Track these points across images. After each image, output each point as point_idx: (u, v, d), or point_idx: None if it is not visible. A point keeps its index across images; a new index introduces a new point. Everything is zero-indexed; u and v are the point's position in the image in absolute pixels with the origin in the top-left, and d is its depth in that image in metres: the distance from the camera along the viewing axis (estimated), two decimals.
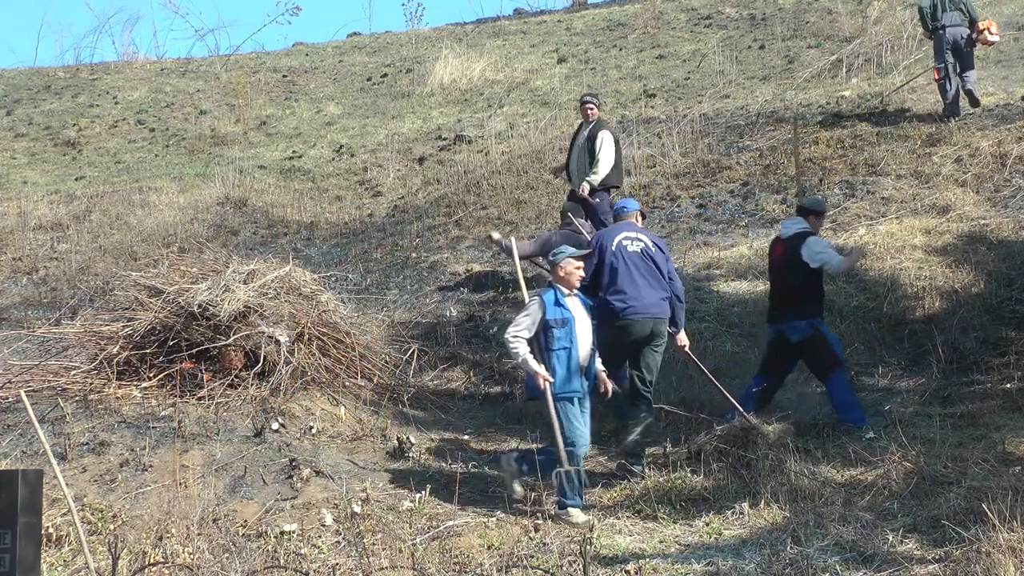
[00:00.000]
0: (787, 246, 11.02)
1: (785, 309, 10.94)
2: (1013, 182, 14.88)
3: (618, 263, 10.16)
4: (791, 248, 10.96)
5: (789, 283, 10.96)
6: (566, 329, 9.20)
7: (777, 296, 11.10)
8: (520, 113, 22.02)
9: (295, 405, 10.62)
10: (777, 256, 11.15)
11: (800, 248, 10.89)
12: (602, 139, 14.01)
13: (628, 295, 10.05)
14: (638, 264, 10.14)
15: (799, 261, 10.85)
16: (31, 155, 23.42)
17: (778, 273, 11.12)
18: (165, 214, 18.75)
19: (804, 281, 10.90)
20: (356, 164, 20.79)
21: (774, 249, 11.27)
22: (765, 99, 19.89)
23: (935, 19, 16.98)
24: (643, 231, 10.56)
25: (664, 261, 10.23)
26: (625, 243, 10.28)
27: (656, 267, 10.16)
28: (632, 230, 10.46)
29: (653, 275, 10.11)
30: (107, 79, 28.39)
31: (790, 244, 11.01)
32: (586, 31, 27.52)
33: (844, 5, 24.17)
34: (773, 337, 11.07)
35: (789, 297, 10.93)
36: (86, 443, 9.82)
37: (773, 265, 11.24)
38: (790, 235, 11.09)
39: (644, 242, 10.28)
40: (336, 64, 28.40)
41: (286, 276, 11.48)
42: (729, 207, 15.95)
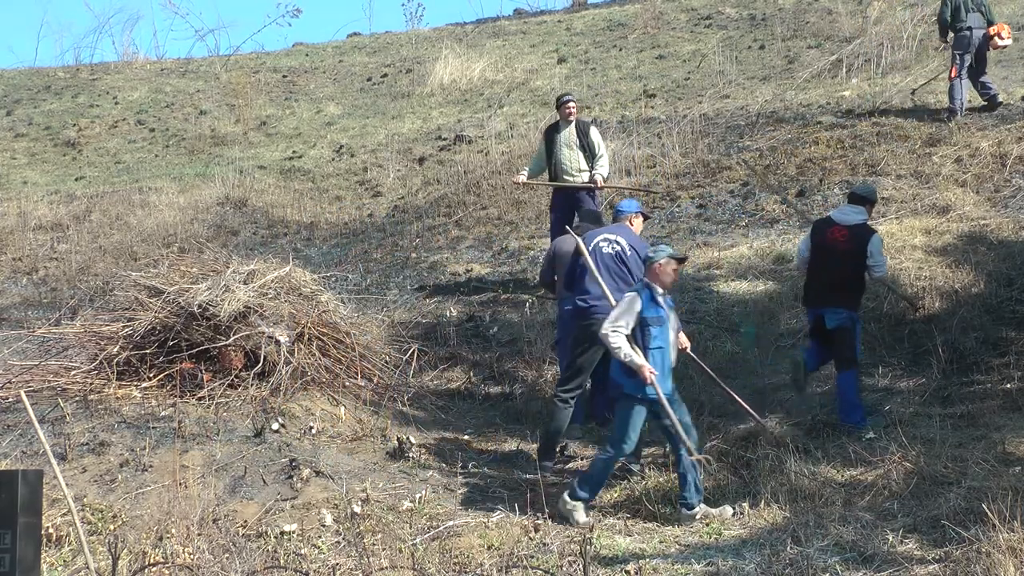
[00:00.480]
0: (852, 233, 10.83)
1: (831, 295, 10.84)
2: (1013, 182, 14.87)
3: (590, 263, 10.24)
4: (857, 236, 10.82)
5: (844, 270, 10.84)
6: (662, 328, 9.18)
7: (825, 280, 10.88)
8: (520, 113, 22.02)
9: (295, 405, 10.62)
10: (837, 241, 10.85)
11: (868, 240, 10.82)
12: (595, 134, 14.18)
13: (592, 295, 10.16)
14: (609, 266, 10.20)
15: (862, 252, 10.78)
16: (31, 155, 23.43)
17: (835, 257, 10.84)
18: (165, 214, 18.75)
19: (856, 271, 10.86)
20: (356, 164, 20.79)
21: (831, 233, 10.94)
22: (765, 99, 19.88)
23: (959, 20, 16.95)
24: (626, 234, 10.53)
25: (637, 267, 10.15)
26: (602, 244, 10.37)
27: (628, 271, 10.17)
28: (614, 232, 10.53)
29: (623, 278, 10.12)
30: (107, 79, 28.40)
31: (856, 232, 10.86)
32: (586, 31, 27.53)
33: (844, 5, 24.17)
34: (811, 321, 11.08)
35: (839, 283, 10.82)
36: (86, 443, 9.82)
37: (828, 249, 10.89)
38: (856, 223, 10.95)
39: (621, 245, 10.31)
40: (336, 64, 28.41)
41: (286, 276, 11.49)
42: (729, 207, 15.96)
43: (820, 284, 10.94)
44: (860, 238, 10.80)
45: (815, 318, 10.97)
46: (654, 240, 15.10)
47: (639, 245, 10.39)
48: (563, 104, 14.33)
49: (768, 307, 13.10)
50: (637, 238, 10.58)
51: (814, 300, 11.02)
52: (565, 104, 14.28)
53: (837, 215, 11.17)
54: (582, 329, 10.22)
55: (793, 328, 12.67)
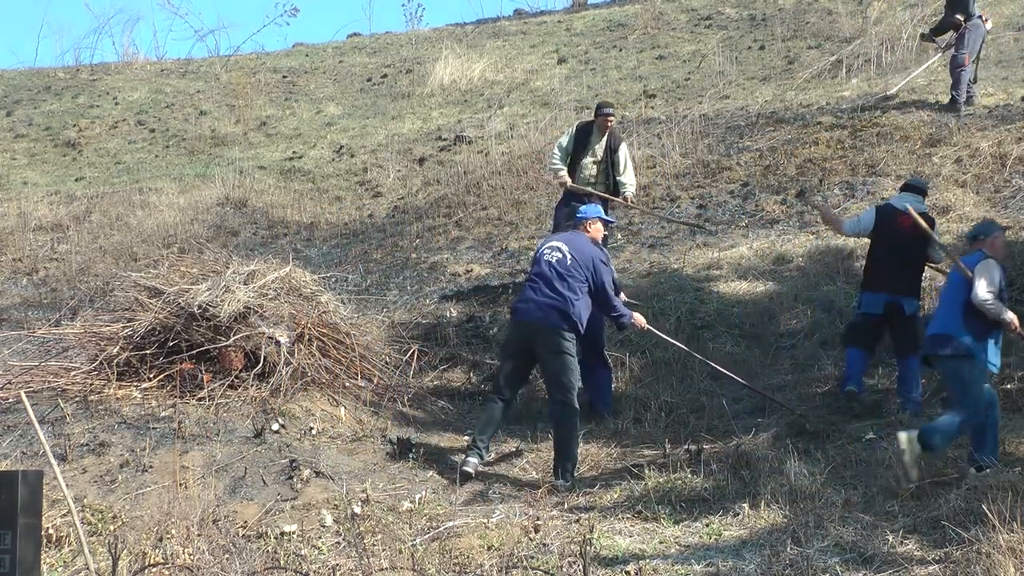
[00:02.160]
0: (917, 222, 10.91)
1: (906, 282, 11.06)
2: (1013, 183, 14.88)
3: (535, 269, 10.37)
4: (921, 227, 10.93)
5: (915, 257, 11.11)
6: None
7: (899, 267, 11.03)
8: (520, 114, 22.03)
9: (295, 406, 10.61)
10: (906, 228, 10.94)
11: (933, 227, 11.09)
12: (623, 152, 13.87)
13: (522, 297, 10.29)
14: (547, 273, 10.18)
15: (926, 241, 10.98)
16: (31, 156, 23.44)
17: (906, 245, 11.01)
18: (165, 215, 18.76)
19: (922, 258, 11.18)
20: (356, 165, 20.80)
21: (898, 220, 11.04)
22: (765, 100, 19.89)
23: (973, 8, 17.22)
24: (574, 242, 10.48)
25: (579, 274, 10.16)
26: (547, 251, 10.39)
27: (563, 279, 10.13)
28: (563, 240, 10.52)
29: (552, 286, 10.11)
30: (107, 80, 28.40)
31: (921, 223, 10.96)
32: (586, 31, 27.53)
33: (844, 6, 24.17)
34: (882, 308, 11.03)
35: (912, 271, 11.13)
36: (86, 444, 9.82)
37: (897, 235, 11.01)
38: (923, 213, 11.16)
39: (562, 253, 10.28)
40: (336, 65, 28.41)
41: (286, 277, 11.48)
42: (729, 208, 15.96)
43: (893, 271, 11.05)
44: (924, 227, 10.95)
45: (888, 304, 10.99)
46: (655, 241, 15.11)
47: (584, 253, 10.32)
48: (603, 115, 13.80)
49: (768, 307, 13.10)
50: (588, 245, 10.49)
51: (891, 287, 11.04)
52: (606, 116, 13.78)
53: (899, 203, 11.26)
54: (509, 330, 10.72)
55: (794, 328, 12.68)
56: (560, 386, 10.08)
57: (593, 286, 10.22)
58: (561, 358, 10.05)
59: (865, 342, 11.10)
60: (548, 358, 10.12)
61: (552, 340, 10.02)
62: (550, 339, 10.03)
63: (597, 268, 10.27)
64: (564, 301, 10.02)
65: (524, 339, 10.23)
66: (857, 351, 11.06)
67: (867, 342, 11.12)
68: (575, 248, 10.35)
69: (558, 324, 10.01)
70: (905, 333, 11.03)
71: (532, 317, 10.08)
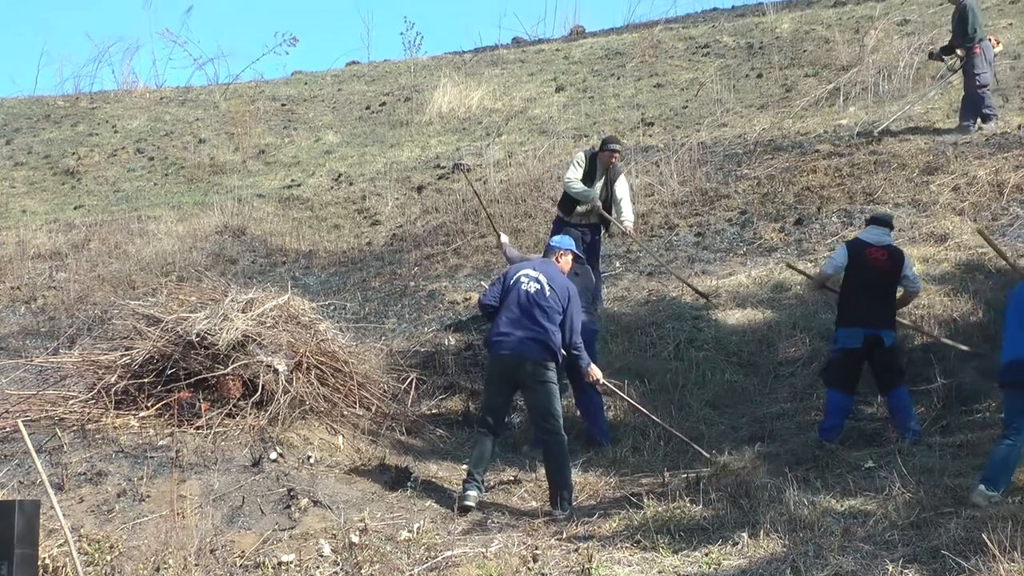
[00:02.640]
0: (891, 254, 11.24)
1: (882, 314, 11.10)
2: (1010, 210, 14.89)
3: (509, 298, 10.30)
4: (895, 258, 11.24)
5: (890, 290, 11.23)
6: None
7: (879, 299, 11.11)
8: (518, 142, 22.07)
9: (293, 434, 10.59)
10: (881, 261, 11.15)
11: (904, 263, 11.30)
12: (620, 185, 13.93)
13: (499, 329, 10.21)
14: (523, 303, 10.18)
15: (899, 272, 11.20)
16: (30, 184, 23.46)
17: (881, 277, 11.15)
18: (164, 243, 18.76)
19: (895, 290, 11.29)
20: (355, 193, 20.82)
21: (871, 254, 11.19)
22: (763, 128, 19.93)
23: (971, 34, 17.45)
24: (549, 272, 10.48)
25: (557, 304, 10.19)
26: (523, 279, 10.35)
27: (543, 310, 10.15)
28: (538, 269, 10.48)
29: (531, 317, 10.12)
30: (106, 108, 28.45)
31: (894, 253, 11.29)
32: (584, 60, 27.59)
33: (841, 34, 24.24)
34: (861, 342, 11.00)
35: (889, 303, 11.22)
36: (83, 473, 9.80)
37: (873, 269, 11.13)
38: (892, 245, 11.41)
39: (540, 284, 10.28)
40: (335, 93, 28.47)
41: (284, 305, 11.47)
42: (727, 235, 15.97)
43: (871, 304, 11.08)
44: (898, 258, 11.25)
45: (867, 338, 10.97)
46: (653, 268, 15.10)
47: (561, 284, 10.37)
48: (608, 151, 13.83)
49: (766, 335, 13.10)
50: (561, 277, 10.53)
51: (870, 320, 11.04)
52: (611, 152, 13.81)
53: (870, 237, 11.36)
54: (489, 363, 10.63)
55: (792, 357, 12.67)
56: (546, 416, 10.11)
57: (564, 318, 10.24)
58: (545, 387, 10.09)
59: (846, 382, 11.05)
60: (532, 389, 10.14)
61: (535, 371, 10.06)
62: (533, 371, 10.06)
63: (572, 300, 10.32)
64: (544, 332, 10.07)
65: (506, 372, 10.22)
66: (839, 395, 11.01)
67: (848, 382, 11.07)
68: (552, 279, 10.36)
69: (540, 356, 10.06)
70: (889, 366, 11.05)
71: (513, 350, 10.09)
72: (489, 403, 10.45)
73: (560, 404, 10.25)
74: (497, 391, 10.38)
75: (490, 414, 10.31)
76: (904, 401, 10.91)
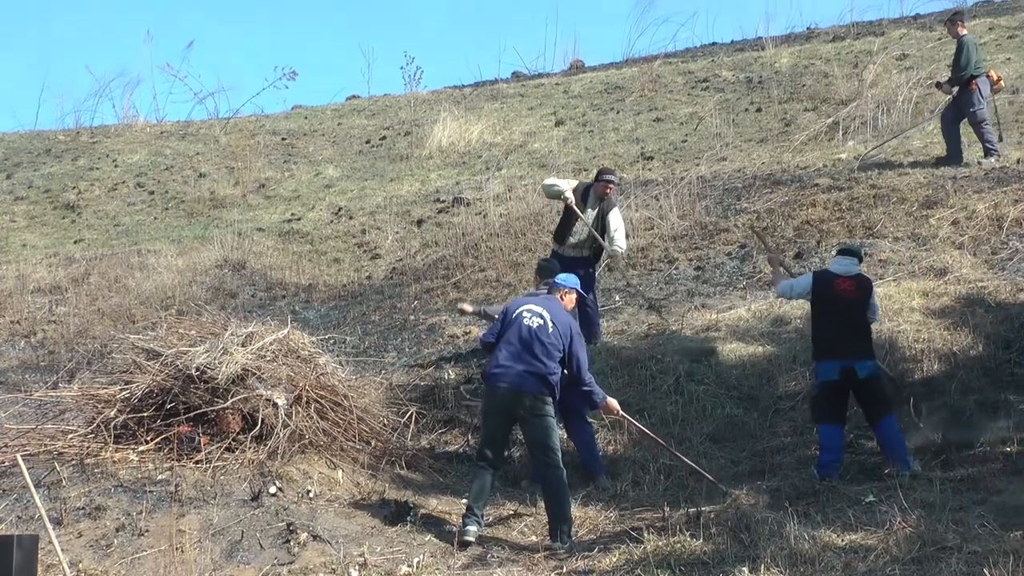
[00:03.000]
0: (858, 284, 11.27)
1: (858, 346, 11.07)
2: (1010, 244, 14.90)
3: (510, 332, 10.31)
4: (863, 287, 11.29)
5: (861, 320, 11.20)
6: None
7: (848, 331, 11.07)
8: (518, 175, 22.09)
9: (293, 468, 10.57)
10: (849, 291, 11.18)
11: (871, 289, 11.39)
12: (613, 217, 13.87)
13: (499, 362, 10.23)
14: (525, 337, 10.20)
15: (868, 302, 11.22)
16: (30, 218, 23.48)
17: (850, 308, 11.16)
18: (164, 277, 18.77)
19: (865, 319, 11.24)
20: (354, 226, 20.84)
21: (839, 284, 11.21)
22: (762, 162, 19.97)
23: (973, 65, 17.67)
24: (552, 309, 10.49)
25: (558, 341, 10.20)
26: (525, 314, 10.35)
27: (544, 346, 10.16)
28: (542, 305, 10.50)
29: (531, 351, 10.14)
30: (107, 142, 28.50)
31: (861, 283, 11.33)
32: (584, 94, 27.66)
33: (840, 68, 24.33)
34: (838, 375, 11.00)
35: (861, 333, 11.15)
36: (82, 507, 9.78)
37: (840, 300, 11.16)
38: (859, 275, 11.42)
39: (543, 320, 10.29)
40: (335, 127, 28.52)
41: (284, 339, 11.47)
42: (727, 269, 15.98)
43: (842, 335, 11.07)
44: (865, 288, 11.29)
45: (844, 370, 10.97)
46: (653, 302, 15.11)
47: (563, 322, 10.39)
48: (603, 181, 13.87)
49: (767, 369, 13.09)
50: (564, 315, 10.55)
51: (843, 352, 11.04)
52: (606, 183, 13.86)
53: (838, 268, 11.40)
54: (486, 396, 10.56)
55: (792, 391, 12.66)
56: (544, 449, 10.12)
57: (567, 356, 10.26)
58: (543, 421, 10.10)
59: (835, 414, 11.05)
60: (530, 423, 10.14)
61: (533, 405, 10.07)
62: (531, 404, 10.07)
63: (573, 338, 10.33)
64: (543, 367, 10.09)
65: (503, 406, 10.23)
66: (831, 428, 11.00)
67: (836, 413, 11.07)
68: (555, 315, 10.37)
69: (537, 389, 10.08)
70: (872, 396, 11.07)
71: (512, 383, 10.10)
72: (487, 437, 10.43)
73: (558, 438, 10.25)
74: (495, 424, 10.37)
75: (489, 448, 10.30)
76: (893, 432, 10.92)
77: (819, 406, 11.15)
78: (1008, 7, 28.61)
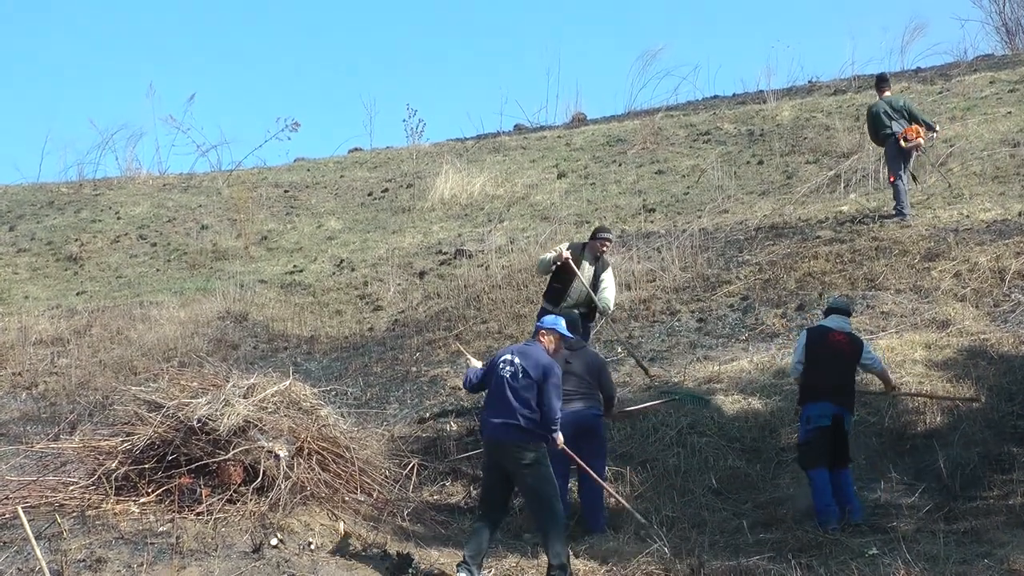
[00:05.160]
0: (851, 339, 11.70)
1: (847, 396, 11.50)
2: (1012, 297, 14.92)
3: (493, 383, 10.38)
4: (855, 343, 11.70)
5: (851, 374, 11.66)
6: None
7: (841, 381, 11.50)
8: (520, 228, 22.16)
9: (294, 520, 10.53)
10: (843, 345, 11.57)
11: (863, 344, 11.79)
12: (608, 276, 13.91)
13: (484, 415, 10.40)
14: (501, 386, 10.21)
15: (859, 358, 11.60)
16: (33, 270, 23.53)
17: (843, 359, 11.55)
18: (166, 328, 18.78)
19: (853, 375, 11.72)
20: (357, 278, 20.87)
21: (833, 338, 11.58)
22: (764, 214, 20.02)
23: (883, 127, 18.15)
24: (528, 354, 10.37)
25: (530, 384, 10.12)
26: (502, 364, 10.36)
27: (516, 393, 10.11)
28: (516, 352, 10.44)
29: (505, 402, 10.12)
30: (109, 194, 28.59)
31: (854, 340, 11.76)
32: (586, 146, 27.78)
33: (841, 121, 24.45)
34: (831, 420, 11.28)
35: (849, 387, 11.60)
36: (83, 560, 9.73)
37: (835, 354, 11.51)
38: (851, 331, 11.90)
39: (516, 366, 10.24)
40: (337, 179, 28.62)
41: (286, 390, 11.45)
42: (729, 321, 15.98)
43: (834, 386, 11.41)
44: (858, 344, 11.72)
45: (835, 415, 11.29)
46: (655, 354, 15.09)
47: (534, 365, 10.23)
48: (599, 239, 13.87)
49: (769, 421, 13.06)
50: (541, 357, 10.37)
51: (835, 398, 11.39)
52: (602, 241, 13.86)
53: (833, 324, 11.77)
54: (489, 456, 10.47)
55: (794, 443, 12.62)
56: (535, 498, 10.12)
57: (539, 397, 10.16)
58: (530, 470, 10.06)
59: (825, 459, 11.23)
60: (516, 473, 10.13)
61: (515, 455, 10.06)
62: (513, 454, 10.07)
63: (547, 377, 10.19)
64: (515, 416, 10.04)
65: (491, 455, 10.32)
66: (824, 472, 11.15)
67: (827, 458, 11.25)
68: (526, 358, 10.30)
69: (516, 439, 10.05)
70: (842, 448, 11.38)
71: (493, 434, 10.18)
72: (483, 489, 10.57)
73: (552, 485, 10.16)
74: (488, 477, 10.46)
75: (485, 500, 10.41)
76: (850, 482, 11.26)
77: (811, 451, 11.31)
78: (1008, 61, 28.79)
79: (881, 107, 18.28)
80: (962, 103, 24.61)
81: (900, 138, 17.81)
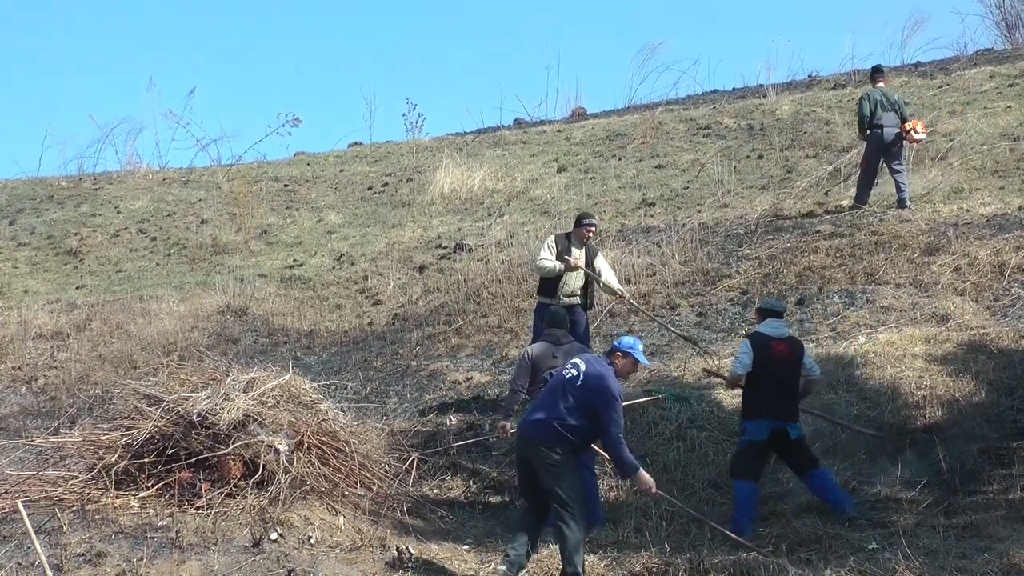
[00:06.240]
0: (790, 346, 11.48)
1: (789, 407, 11.29)
2: (1012, 291, 14.91)
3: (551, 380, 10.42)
4: (795, 349, 11.50)
5: (793, 382, 11.39)
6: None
7: (781, 393, 11.26)
8: (520, 222, 22.15)
9: (294, 515, 10.53)
10: (784, 354, 11.36)
11: (803, 353, 11.54)
12: (600, 261, 13.98)
13: (528, 410, 10.46)
14: (554, 386, 10.13)
15: (800, 363, 11.39)
16: (33, 264, 23.53)
17: (785, 370, 11.33)
18: (165, 323, 18.78)
19: (797, 381, 11.44)
20: (356, 273, 20.87)
21: (775, 347, 11.37)
22: (764, 208, 20.01)
23: (875, 118, 18.26)
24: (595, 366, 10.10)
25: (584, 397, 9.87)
26: (570, 365, 10.22)
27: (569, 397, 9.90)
28: (585, 360, 10.23)
29: (553, 400, 9.96)
30: (109, 189, 28.59)
31: (793, 345, 11.55)
32: (586, 141, 27.76)
33: (841, 116, 24.43)
34: (767, 436, 11.15)
35: (791, 396, 11.37)
36: (83, 554, 9.73)
37: (778, 363, 11.29)
38: (790, 336, 11.68)
39: (577, 372, 10.03)
40: (337, 173, 28.61)
41: (286, 384, 11.45)
42: (729, 315, 15.97)
43: (775, 397, 11.26)
44: (797, 350, 11.54)
45: (774, 431, 11.16)
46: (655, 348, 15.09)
47: (598, 392, 9.91)
48: (583, 226, 13.83)
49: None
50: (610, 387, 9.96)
51: (775, 413, 11.22)
52: (585, 227, 13.82)
53: (770, 331, 11.58)
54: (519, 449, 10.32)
55: None
56: (555, 499, 9.84)
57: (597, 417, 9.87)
58: (552, 471, 9.81)
59: (754, 472, 11.21)
60: (540, 472, 9.94)
61: (540, 454, 9.82)
62: (538, 453, 9.85)
63: (606, 401, 9.88)
64: (559, 417, 9.81)
65: (520, 450, 10.21)
66: (747, 484, 11.11)
67: (756, 472, 11.24)
68: (595, 375, 9.98)
69: (544, 439, 9.79)
70: (799, 454, 11.29)
71: (525, 431, 10.03)
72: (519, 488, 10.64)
73: (574, 490, 9.83)
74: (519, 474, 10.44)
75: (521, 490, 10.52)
76: (827, 480, 11.15)
77: (740, 463, 11.29)
78: (1008, 56, 28.77)
79: (877, 95, 18.38)
80: (962, 97, 24.59)
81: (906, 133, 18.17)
